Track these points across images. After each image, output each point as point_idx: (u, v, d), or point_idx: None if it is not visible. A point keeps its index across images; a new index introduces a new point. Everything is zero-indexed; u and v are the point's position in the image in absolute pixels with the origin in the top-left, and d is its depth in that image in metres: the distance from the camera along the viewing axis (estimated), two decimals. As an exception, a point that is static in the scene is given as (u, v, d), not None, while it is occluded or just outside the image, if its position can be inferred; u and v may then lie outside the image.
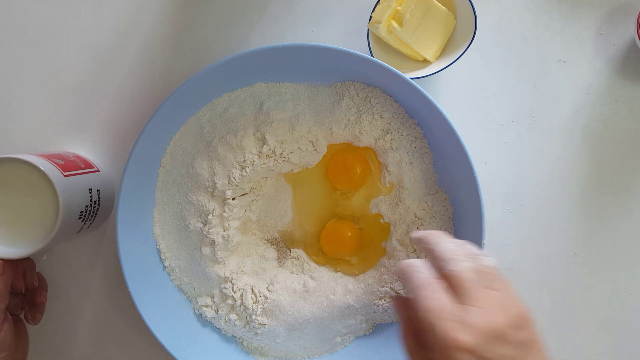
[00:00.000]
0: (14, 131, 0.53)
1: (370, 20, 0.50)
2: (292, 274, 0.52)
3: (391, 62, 0.49)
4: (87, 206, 0.46)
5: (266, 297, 0.50)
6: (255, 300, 0.50)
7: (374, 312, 0.50)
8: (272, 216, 0.53)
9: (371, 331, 0.52)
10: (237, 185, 0.49)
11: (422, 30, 0.49)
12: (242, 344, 0.52)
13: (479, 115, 0.55)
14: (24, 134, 0.53)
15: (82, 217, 0.46)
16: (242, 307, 0.50)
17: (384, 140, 0.50)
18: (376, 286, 0.50)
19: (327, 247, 0.53)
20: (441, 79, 0.54)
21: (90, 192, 0.47)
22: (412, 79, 0.46)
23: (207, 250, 0.49)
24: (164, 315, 0.49)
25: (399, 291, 0.49)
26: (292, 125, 0.49)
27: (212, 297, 0.51)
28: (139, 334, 0.54)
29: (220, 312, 0.51)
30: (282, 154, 0.49)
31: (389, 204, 0.51)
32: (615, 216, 0.55)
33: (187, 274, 0.51)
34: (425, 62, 0.52)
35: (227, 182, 0.48)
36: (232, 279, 0.50)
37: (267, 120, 0.49)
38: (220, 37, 0.54)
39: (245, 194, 0.51)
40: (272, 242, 0.54)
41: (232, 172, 0.48)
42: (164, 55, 0.54)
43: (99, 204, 0.48)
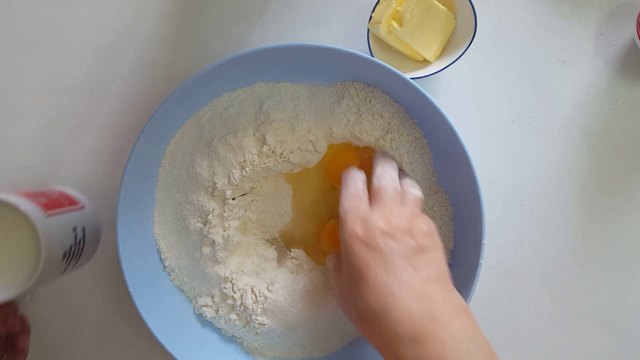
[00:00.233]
0: (14, 131, 0.53)
1: (370, 20, 0.50)
2: (292, 274, 0.52)
3: (391, 62, 0.49)
4: (71, 245, 0.43)
5: (266, 297, 0.50)
6: (255, 300, 0.50)
7: (374, 312, 0.50)
8: (272, 216, 0.53)
9: (371, 331, 0.52)
10: (237, 185, 0.49)
11: (422, 30, 0.49)
12: (242, 344, 0.52)
13: (479, 115, 0.55)
14: (24, 134, 0.53)
15: (66, 258, 0.43)
16: (242, 307, 0.50)
17: (384, 140, 0.50)
18: (376, 286, 0.50)
19: (327, 247, 0.53)
20: (441, 79, 0.54)
21: (74, 231, 0.44)
22: (412, 79, 0.46)
23: (207, 250, 0.50)
24: (164, 315, 0.49)
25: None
26: (292, 125, 0.49)
27: (212, 297, 0.51)
28: (139, 334, 0.54)
29: (220, 312, 0.51)
30: (282, 154, 0.49)
31: (389, 204, 0.51)
32: (615, 216, 0.55)
33: (187, 273, 0.51)
34: (425, 62, 0.52)
35: (227, 182, 0.48)
36: (232, 279, 0.50)
37: (267, 120, 0.49)
38: (220, 37, 0.54)
39: (245, 194, 0.51)
40: (272, 242, 0.54)
41: (232, 172, 0.48)
42: (164, 55, 0.54)
43: (84, 243, 0.46)
